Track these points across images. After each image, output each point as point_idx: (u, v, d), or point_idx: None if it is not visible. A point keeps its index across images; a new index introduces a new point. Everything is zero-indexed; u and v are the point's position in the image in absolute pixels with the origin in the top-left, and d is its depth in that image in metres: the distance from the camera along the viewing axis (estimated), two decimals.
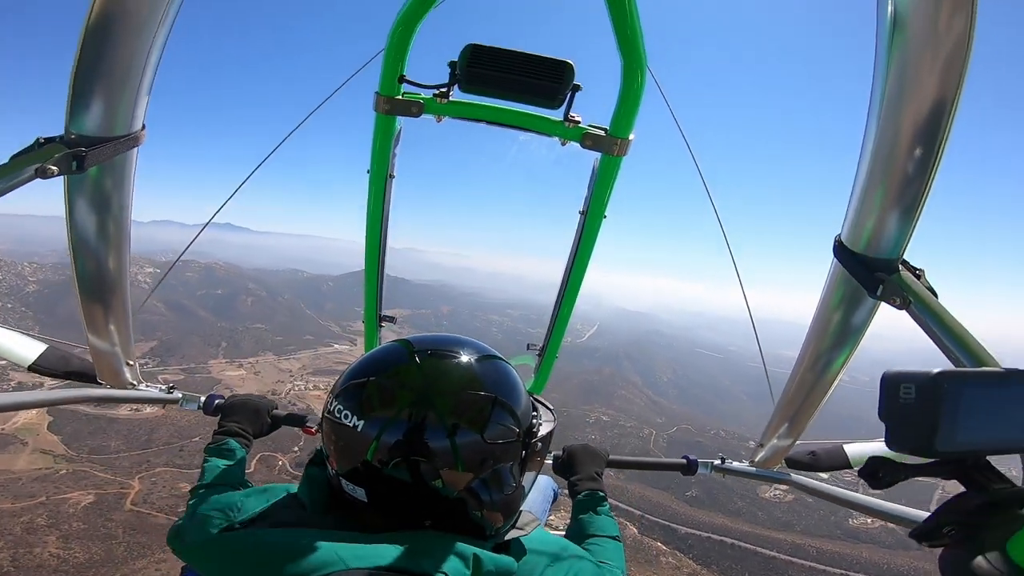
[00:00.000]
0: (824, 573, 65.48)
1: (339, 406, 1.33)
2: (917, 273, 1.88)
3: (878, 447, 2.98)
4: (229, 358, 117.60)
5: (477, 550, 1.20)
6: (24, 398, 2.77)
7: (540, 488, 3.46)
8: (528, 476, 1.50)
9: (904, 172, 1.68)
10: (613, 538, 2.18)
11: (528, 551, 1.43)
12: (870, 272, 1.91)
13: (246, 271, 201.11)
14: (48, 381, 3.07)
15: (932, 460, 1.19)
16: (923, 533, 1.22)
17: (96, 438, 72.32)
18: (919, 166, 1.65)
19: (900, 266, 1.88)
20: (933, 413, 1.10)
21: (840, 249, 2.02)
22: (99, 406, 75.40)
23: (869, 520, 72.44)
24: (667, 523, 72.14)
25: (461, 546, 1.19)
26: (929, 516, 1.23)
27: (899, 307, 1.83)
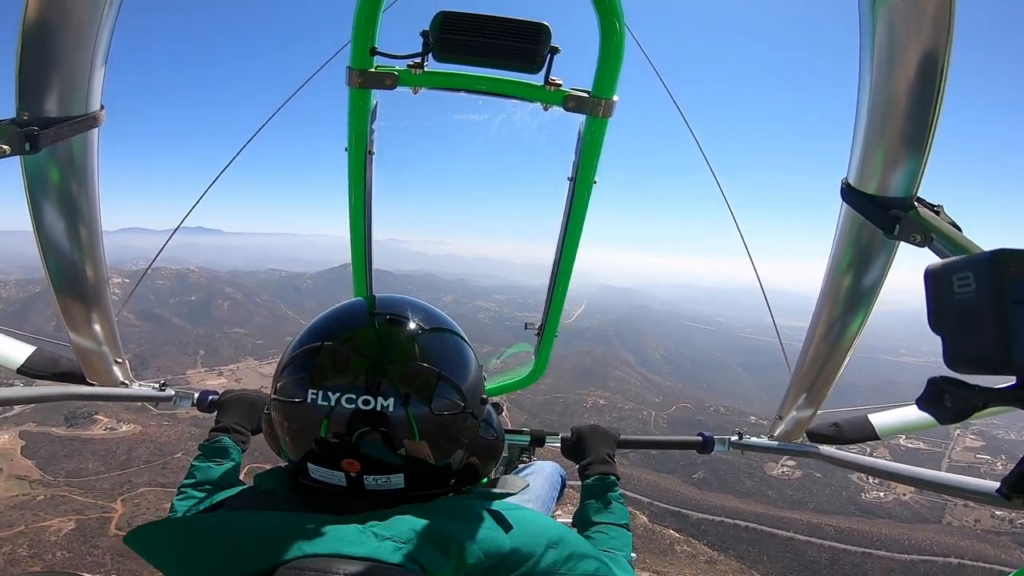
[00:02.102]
0: (845, 552, 63.94)
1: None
2: (936, 209, 1.83)
3: (906, 414, 2.99)
4: (208, 366, 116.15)
5: (464, 535, 1.20)
6: (12, 394, 2.76)
7: (546, 475, 3.39)
8: None
9: (908, 105, 1.67)
10: (621, 526, 2.14)
11: (522, 536, 1.37)
12: (884, 211, 1.86)
13: (221, 274, 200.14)
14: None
15: (1018, 379, 0.89)
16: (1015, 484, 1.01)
17: (72, 460, 70.02)
18: (922, 98, 1.64)
19: (915, 203, 1.83)
20: (1003, 308, 0.83)
21: (849, 191, 1.96)
22: (72, 426, 75.11)
23: (882, 494, 72.61)
24: (678, 509, 71.11)
25: (443, 529, 1.18)
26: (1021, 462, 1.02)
27: (920, 244, 1.78)
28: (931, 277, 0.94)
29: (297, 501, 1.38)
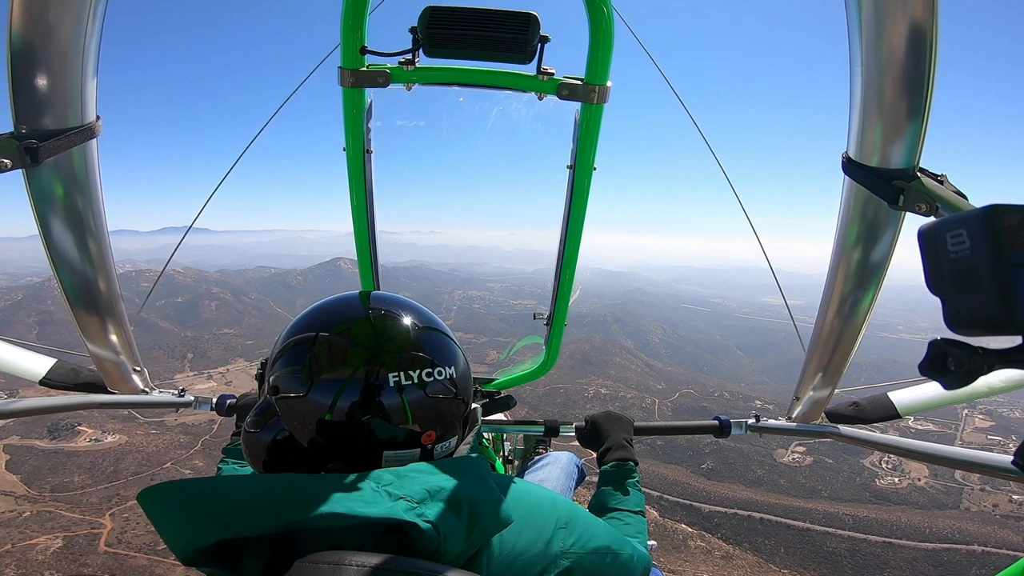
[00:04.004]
0: (865, 542, 63.04)
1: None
2: (939, 179, 1.85)
3: (927, 390, 2.99)
4: (197, 370, 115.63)
5: (476, 496, 1.23)
6: (39, 404, 2.89)
7: (562, 465, 3.50)
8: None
9: (901, 74, 1.68)
10: (637, 512, 2.19)
11: (532, 513, 1.44)
12: (887, 183, 1.88)
13: (208, 274, 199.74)
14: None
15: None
16: None
17: (57, 474, 69.22)
18: (915, 66, 1.66)
19: (918, 173, 1.86)
20: (1001, 263, 0.82)
21: (850, 165, 1.98)
22: (55, 439, 74.96)
23: (897, 479, 72.35)
24: (688, 502, 70.52)
25: (456, 489, 1.21)
26: None
27: (926, 213, 1.81)
28: (925, 237, 0.93)
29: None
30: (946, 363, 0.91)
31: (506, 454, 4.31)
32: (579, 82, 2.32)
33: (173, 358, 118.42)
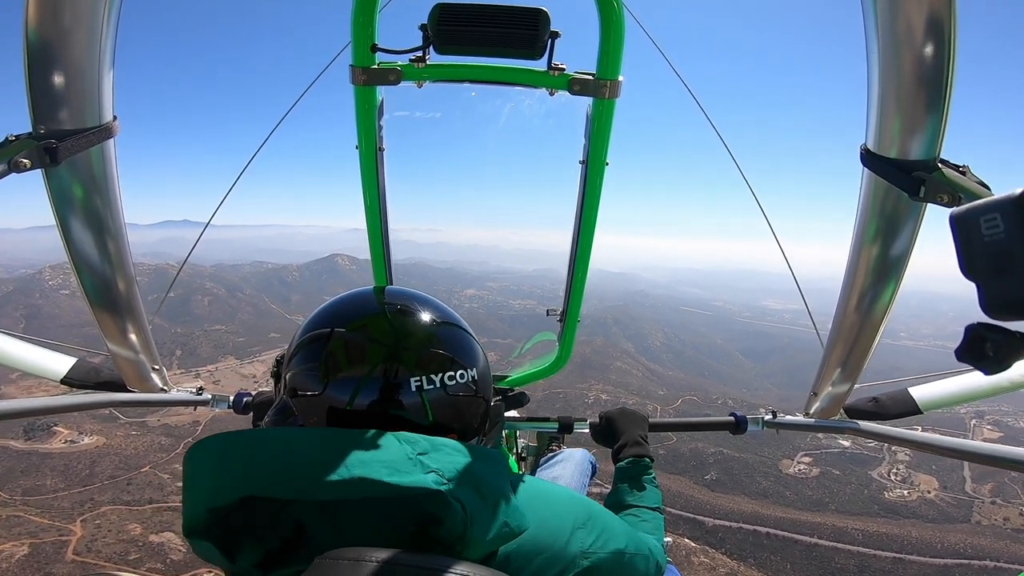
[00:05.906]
0: (875, 558, 62.87)
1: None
2: (961, 170, 1.83)
3: (947, 386, 3.03)
4: (184, 368, 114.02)
5: (500, 484, 1.24)
6: (60, 402, 3.01)
7: (576, 461, 3.58)
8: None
9: (920, 63, 1.67)
10: (654, 509, 2.24)
11: (549, 513, 1.44)
12: (907, 174, 1.87)
13: (203, 269, 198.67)
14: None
15: None
16: None
17: (29, 477, 69.39)
18: (934, 55, 1.65)
19: (939, 164, 1.84)
20: None
21: (869, 157, 1.98)
22: (31, 439, 74.58)
23: (906, 492, 72.21)
24: (692, 515, 70.38)
25: (484, 475, 1.21)
26: None
27: (947, 205, 1.77)
28: (957, 221, 0.93)
29: None
30: (984, 348, 0.91)
31: (519, 451, 4.37)
32: (591, 77, 2.35)
33: (161, 355, 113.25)
